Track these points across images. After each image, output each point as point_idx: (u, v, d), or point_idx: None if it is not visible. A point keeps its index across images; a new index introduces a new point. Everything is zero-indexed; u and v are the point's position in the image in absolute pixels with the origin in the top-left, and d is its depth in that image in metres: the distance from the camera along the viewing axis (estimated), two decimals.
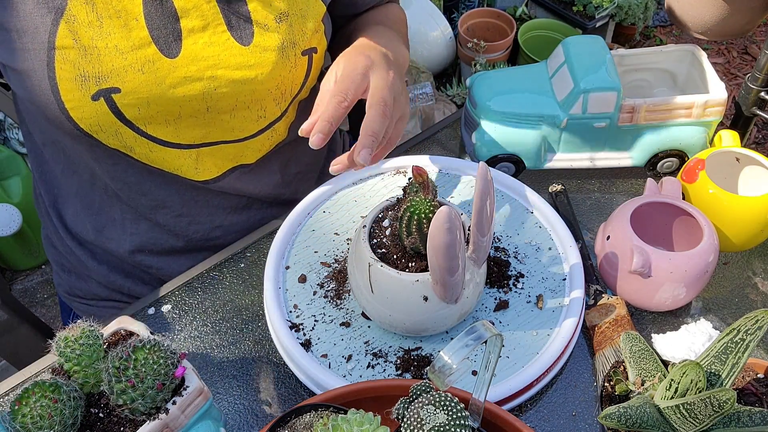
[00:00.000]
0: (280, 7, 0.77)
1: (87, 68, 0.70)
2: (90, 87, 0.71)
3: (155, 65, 0.72)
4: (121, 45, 0.70)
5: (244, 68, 0.76)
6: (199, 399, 0.58)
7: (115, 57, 0.70)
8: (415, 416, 0.47)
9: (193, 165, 0.83)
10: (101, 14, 0.69)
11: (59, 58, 0.69)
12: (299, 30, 0.79)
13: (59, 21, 0.68)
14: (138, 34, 0.71)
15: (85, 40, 0.69)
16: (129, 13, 0.70)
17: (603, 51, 0.88)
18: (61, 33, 0.68)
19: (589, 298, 0.77)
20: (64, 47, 0.69)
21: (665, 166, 0.91)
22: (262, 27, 0.76)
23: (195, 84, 0.75)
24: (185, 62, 0.73)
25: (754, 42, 2.67)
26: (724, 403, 0.55)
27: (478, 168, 0.61)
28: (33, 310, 1.40)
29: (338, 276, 0.77)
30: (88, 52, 0.70)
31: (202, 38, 0.74)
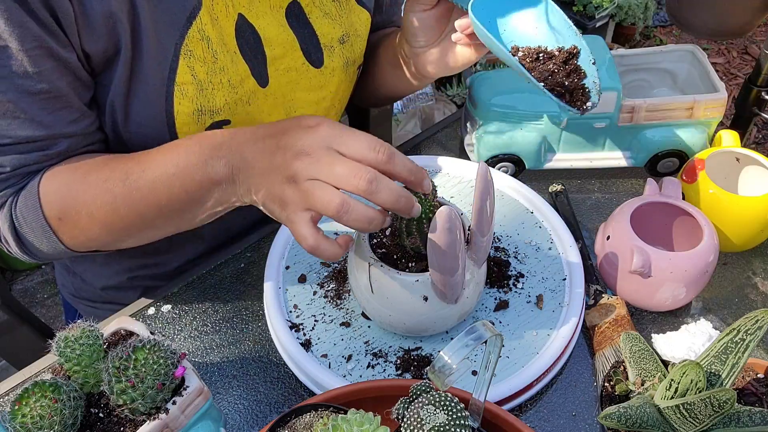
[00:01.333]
0: (342, 30, 0.83)
1: (203, 103, 0.72)
2: (205, 120, 0.73)
3: (256, 96, 0.76)
4: (233, 79, 0.73)
5: (317, 89, 0.82)
6: (199, 399, 0.58)
7: (227, 91, 0.73)
8: (415, 416, 0.47)
9: None
10: (215, 50, 0.71)
11: (178, 93, 0.70)
12: (357, 48, 0.85)
13: (179, 56, 0.69)
14: (241, 67, 0.74)
15: (201, 75, 0.71)
16: (230, 47, 0.73)
17: (603, 51, 0.88)
18: (182, 69, 0.70)
19: (589, 298, 0.77)
20: (184, 83, 0.70)
21: (665, 166, 0.91)
22: (329, 49, 0.82)
23: (280, 108, 0.79)
24: (274, 90, 0.78)
25: (754, 42, 2.67)
26: (724, 403, 0.55)
27: (478, 168, 0.61)
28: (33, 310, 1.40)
29: (338, 276, 0.77)
30: (204, 87, 0.71)
31: (283, 64, 0.78)
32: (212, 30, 0.70)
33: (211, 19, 0.70)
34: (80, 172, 0.69)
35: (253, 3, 0.74)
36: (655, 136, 0.88)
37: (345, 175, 0.57)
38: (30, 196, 0.70)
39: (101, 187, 0.68)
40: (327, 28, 0.81)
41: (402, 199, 0.58)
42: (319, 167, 0.57)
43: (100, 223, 0.69)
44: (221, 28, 0.72)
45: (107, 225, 0.70)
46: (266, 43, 0.76)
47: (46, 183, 0.70)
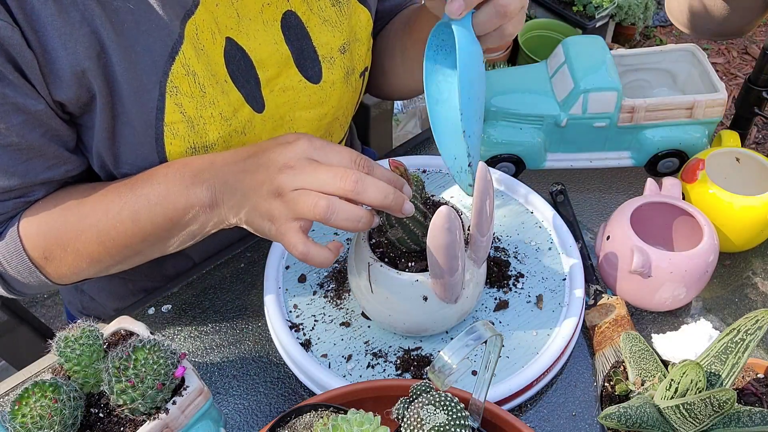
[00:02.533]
0: (342, 38, 0.78)
1: (196, 140, 0.69)
2: None
3: (252, 123, 0.73)
4: (225, 112, 0.70)
5: (317, 105, 0.78)
6: (199, 399, 0.58)
7: (220, 125, 0.70)
8: (415, 416, 0.47)
9: None
10: (202, 84, 0.68)
11: (168, 133, 0.68)
12: (357, 55, 0.81)
13: (164, 95, 0.66)
14: (234, 96, 0.71)
15: (190, 111, 0.68)
16: (219, 76, 0.69)
17: (603, 51, 0.88)
18: (169, 108, 0.67)
19: (589, 298, 0.77)
20: (173, 122, 0.68)
21: (665, 166, 0.91)
22: (329, 60, 0.78)
23: (279, 130, 0.76)
24: (271, 113, 0.75)
25: (754, 42, 2.67)
26: (724, 403, 0.55)
27: (478, 168, 0.61)
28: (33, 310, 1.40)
29: (338, 276, 0.77)
30: (195, 123, 0.69)
31: (278, 84, 0.75)
32: (197, 63, 0.67)
33: (195, 52, 0.67)
34: (59, 209, 0.68)
35: (242, 22, 0.70)
36: (655, 136, 0.88)
37: (330, 178, 0.57)
38: (11, 241, 0.69)
39: (84, 223, 0.67)
40: (326, 37, 0.77)
41: (390, 196, 0.58)
42: (303, 176, 0.57)
43: (87, 257, 0.69)
44: (208, 58, 0.68)
45: (93, 258, 0.69)
46: (258, 66, 0.72)
47: (26, 225, 0.69)
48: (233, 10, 0.68)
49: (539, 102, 0.88)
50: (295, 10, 0.73)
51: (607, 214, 0.80)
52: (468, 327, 0.47)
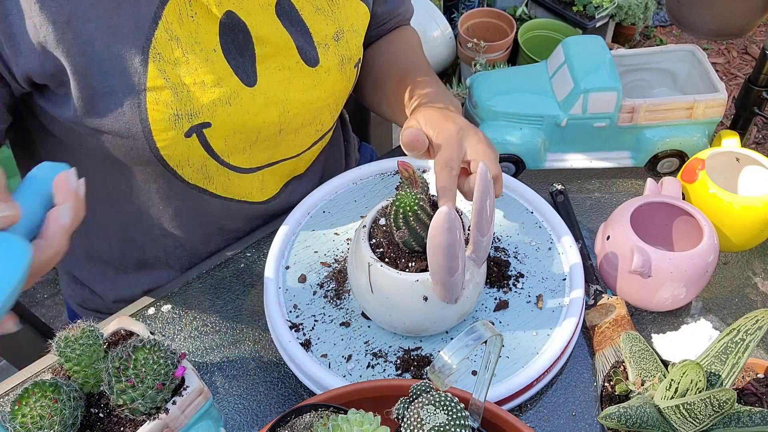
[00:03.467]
0: (336, 25, 0.79)
1: (179, 107, 0.69)
2: (183, 125, 0.70)
3: (239, 95, 0.73)
4: (207, 79, 0.70)
5: (311, 89, 0.78)
6: (199, 399, 0.58)
7: (203, 92, 0.70)
8: (415, 416, 0.47)
9: (259, 186, 0.85)
10: (186, 49, 0.68)
11: (151, 99, 0.68)
12: (353, 45, 0.81)
13: (147, 60, 0.66)
14: (220, 65, 0.71)
15: (173, 78, 0.68)
16: (208, 45, 0.70)
17: (603, 51, 0.88)
18: (152, 74, 0.67)
19: (589, 298, 0.77)
20: (156, 88, 0.67)
21: (665, 166, 0.91)
22: (324, 47, 0.78)
23: (272, 108, 0.76)
24: (263, 89, 0.74)
25: (754, 42, 2.67)
26: (724, 403, 0.55)
27: (478, 168, 0.61)
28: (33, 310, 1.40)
29: (338, 276, 0.77)
30: (179, 90, 0.69)
31: (275, 62, 0.75)
32: (180, 29, 0.67)
33: (179, 17, 0.67)
34: None
35: (243, 1, 0.71)
36: (655, 136, 0.88)
37: None
38: None
39: None
40: (320, 24, 0.78)
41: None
42: None
43: None
44: (197, 24, 0.68)
45: None
46: (257, 41, 0.73)
47: None
48: None
49: (539, 102, 0.88)
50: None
51: (607, 214, 0.80)
52: (468, 327, 0.47)
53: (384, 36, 0.96)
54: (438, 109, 0.75)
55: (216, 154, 0.75)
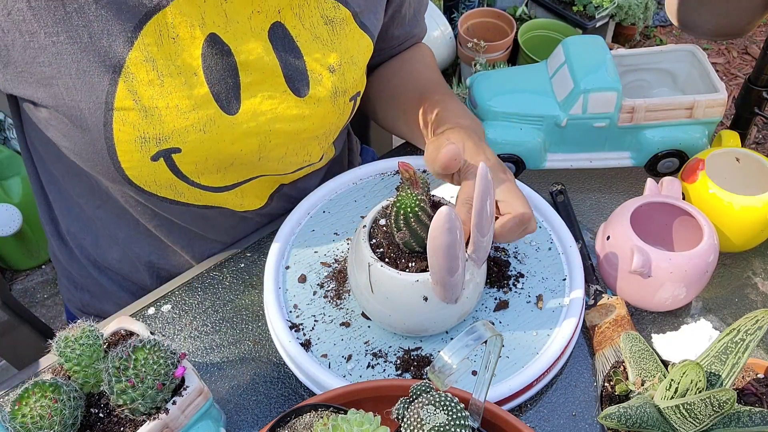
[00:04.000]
0: (334, 56, 0.75)
1: (147, 130, 0.67)
2: (150, 148, 0.68)
3: (216, 123, 0.70)
4: (183, 104, 0.67)
5: (298, 120, 0.75)
6: (199, 399, 0.58)
7: (176, 117, 0.67)
8: (415, 416, 0.47)
9: (238, 201, 0.83)
10: (162, 72, 0.66)
11: (118, 120, 0.66)
12: (350, 78, 0.78)
13: (117, 80, 0.64)
14: (199, 91, 0.68)
15: (145, 100, 0.66)
16: (188, 69, 0.67)
17: (603, 51, 0.88)
18: (120, 94, 0.65)
19: (589, 298, 0.77)
20: (124, 108, 0.65)
21: (665, 166, 0.91)
22: (317, 78, 0.75)
23: (252, 138, 0.73)
24: (245, 118, 0.71)
25: (754, 42, 2.67)
26: (724, 403, 0.55)
27: (479, 168, 0.61)
28: (33, 310, 1.40)
29: (338, 276, 0.77)
30: (149, 113, 0.66)
31: (260, 91, 0.72)
32: (158, 51, 0.65)
33: (158, 38, 0.65)
34: None
35: (230, 24, 0.68)
36: (655, 136, 0.88)
37: None
38: None
39: None
40: (316, 54, 0.74)
41: None
42: None
43: None
44: (179, 47, 0.66)
45: None
46: (242, 67, 0.69)
47: None
48: (221, 9, 0.67)
49: (539, 102, 0.88)
50: (285, 23, 0.71)
51: (607, 214, 0.80)
52: (468, 327, 0.47)
53: (398, 54, 0.94)
54: (470, 138, 0.73)
55: (185, 176, 0.73)
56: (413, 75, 0.91)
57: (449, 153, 0.66)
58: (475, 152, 0.71)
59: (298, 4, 0.72)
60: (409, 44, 0.94)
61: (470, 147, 0.71)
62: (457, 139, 0.72)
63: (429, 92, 0.85)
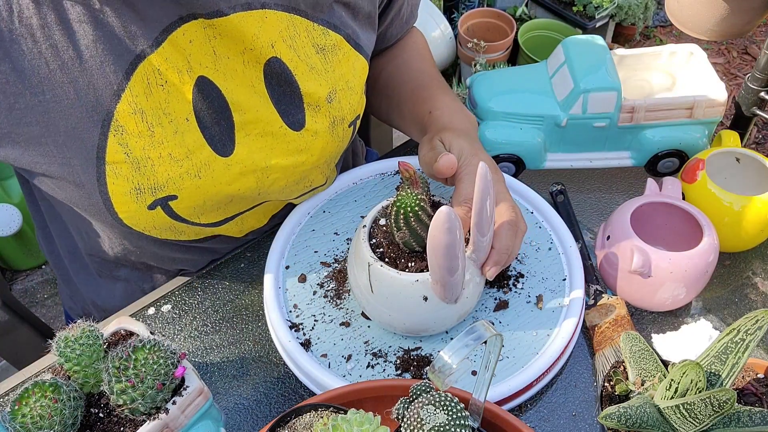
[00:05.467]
0: (329, 85, 0.74)
1: (141, 180, 0.66)
2: (146, 198, 0.67)
3: (211, 167, 0.69)
4: (175, 152, 0.66)
5: (296, 153, 0.74)
6: (199, 399, 0.58)
7: (170, 166, 0.66)
8: (415, 416, 0.47)
9: (238, 228, 0.83)
10: (151, 122, 0.64)
11: (111, 173, 0.65)
12: (347, 104, 0.76)
13: (107, 134, 0.63)
14: (191, 137, 0.67)
15: (136, 151, 0.65)
16: (179, 114, 0.66)
17: (603, 51, 0.88)
18: (111, 148, 0.64)
19: (589, 298, 0.77)
20: (116, 162, 0.64)
21: (665, 166, 0.91)
22: (314, 109, 0.73)
23: (249, 177, 0.72)
24: (240, 158, 0.70)
25: (754, 42, 2.67)
26: (724, 403, 0.55)
27: (478, 168, 0.61)
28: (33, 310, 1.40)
29: (338, 276, 0.77)
30: (142, 164, 0.65)
31: (255, 129, 0.70)
32: (146, 101, 0.63)
33: (146, 88, 0.63)
34: None
35: (219, 61, 0.66)
36: (655, 136, 0.88)
37: None
38: None
39: None
40: (312, 85, 0.72)
41: None
42: None
43: None
44: (168, 94, 0.64)
45: None
46: (234, 108, 0.68)
47: None
48: (210, 47, 0.65)
49: (539, 102, 0.88)
50: (281, 57, 0.69)
51: (607, 214, 0.80)
52: (468, 327, 0.47)
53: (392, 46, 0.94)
54: (466, 138, 0.73)
55: (184, 219, 0.72)
56: (407, 64, 0.90)
57: (446, 163, 0.68)
58: (469, 154, 0.71)
59: (289, 36, 0.70)
60: (404, 36, 0.95)
61: (465, 149, 0.72)
62: (451, 142, 0.72)
63: (422, 86, 0.85)
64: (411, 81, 0.87)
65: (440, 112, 0.79)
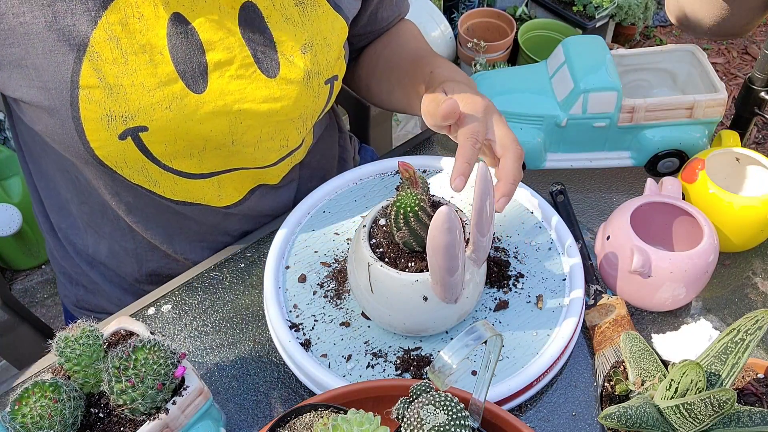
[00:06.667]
0: (305, 37, 0.75)
1: (113, 107, 0.67)
2: (117, 126, 0.68)
3: (182, 101, 0.70)
4: (148, 82, 0.68)
5: (270, 101, 0.75)
6: (199, 399, 0.58)
7: (141, 95, 0.68)
8: (415, 416, 0.47)
9: (216, 192, 0.83)
10: (126, 50, 0.66)
11: (84, 98, 0.66)
12: (324, 59, 0.78)
13: (82, 59, 0.65)
14: (164, 69, 0.68)
15: (110, 78, 0.66)
16: (154, 48, 0.68)
17: (603, 51, 0.88)
18: (85, 72, 0.65)
19: (589, 298, 0.77)
20: (89, 86, 0.66)
21: (665, 166, 0.91)
22: (288, 58, 0.75)
23: (221, 118, 0.73)
24: (212, 97, 0.72)
25: (754, 42, 2.67)
26: (724, 403, 0.55)
27: (478, 168, 0.61)
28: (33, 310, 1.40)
29: (338, 276, 0.77)
30: (114, 91, 0.67)
31: (229, 71, 0.72)
32: (122, 30, 0.66)
33: (121, 18, 0.66)
34: None
35: (197, 2, 0.68)
36: (655, 136, 0.88)
37: None
38: None
39: None
40: (287, 35, 0.74)
41: None
42: None
43: None
44: (144, 26, 0.67)
45: None
46: (208, 47, 0.70)
47: None
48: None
49: (539, 102, 0.88)
50: (257, 3, 0.72)
51: (607, 214, 0.80)
52: (468, 327, 0.47)
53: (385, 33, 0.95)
54: (465, 84, 0.74)
55: (155, 158, 0.73)
56: (403, 46, 0.92)
57: (448, 107, 0.68)
58: (471, 101, 0.72)
59: None
60: (395, 23, 0.96)
61: (466, 97, 0.72)
62: (448, 88, 0.73)
63: (421, 57, 0.86)
64: (410, 56, 0.88)
65: (441, 70, 0.80)
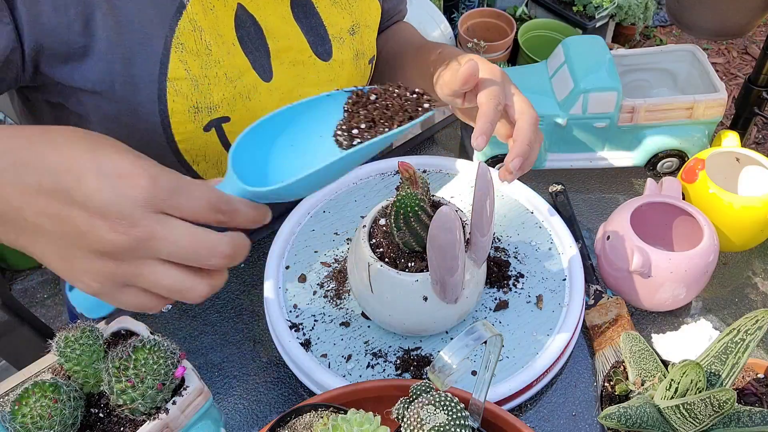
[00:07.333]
0: (352, 20, 0.79)
1: (199, 99, 0.69)
2: (203, 118, 0.70)
3: (257, 90, 0.73)
4: (230, 73, 0.70)
5: (325, 84, 0.78)
6: (199, 399, 0.57)
7: (225, 86, 0.70)
8: (415, 416, 0.47)
9: None
10: (209, 41, 0.68)
11: (171, 90, 0.67)
12: (367, 40, 0.82)
13: (170, 49, 0.65)
14: (239, 60, 0.71)
15: (194, 69, 0.68)
16: (227, 38, 0.70)
17: (603, 51, 0.88)
18: (174, 64, 0.66)
19: (589, 298, 0.77)
20: (177, 78, 0.67)
21: (665, 166, 0.91)
22: (338, 41, 0.78)
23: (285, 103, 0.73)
24: (278, 84, 0.74)
25: (754, 42, 2.67)
26: (724, 403, 0.55)
27: (478, 168, 0.61)
28: (33, 310, 1.40)
29: (338, 276, 0.77)
30: (199, 82, 0.68)
31: (288, 57, 0.75)
32: (204, 20, 0.68)
33: (203, 8, 0.67)
34: None
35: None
36: (655, 136, 0.88)
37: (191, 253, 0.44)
38: None
39: None
40: (336, 18, 0.78)
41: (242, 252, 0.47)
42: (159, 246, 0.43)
43: None
44: (216, 17, 0.69)
45: None
46: (269, 35, 0.73)
47: None
48: None
49: (539, 102, 0.88)
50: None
51: (607, 214, 0.80)
52: (468, 327, 0.47)
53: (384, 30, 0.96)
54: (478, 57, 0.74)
55: None
56: (405, 40, 0.93)
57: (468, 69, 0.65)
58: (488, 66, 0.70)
59: None
60: (394, 21, 0.96)
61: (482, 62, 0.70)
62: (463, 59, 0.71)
63: (426, 44, 0.86)
64: (412, 46, 0.89)
65: (449, 50, 0.80)
